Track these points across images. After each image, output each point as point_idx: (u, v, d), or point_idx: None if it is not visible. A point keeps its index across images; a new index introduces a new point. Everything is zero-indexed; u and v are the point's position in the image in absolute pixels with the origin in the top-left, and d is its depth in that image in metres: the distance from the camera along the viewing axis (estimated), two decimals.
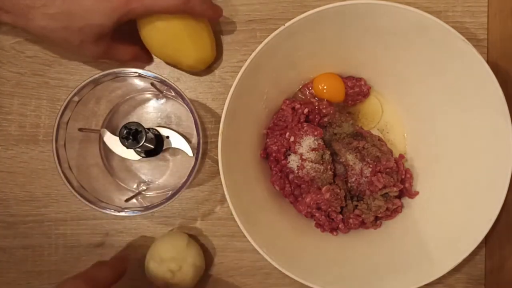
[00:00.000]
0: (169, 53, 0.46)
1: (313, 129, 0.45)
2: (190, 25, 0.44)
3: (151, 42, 0.45)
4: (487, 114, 0.42)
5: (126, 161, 0.49)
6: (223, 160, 0.40)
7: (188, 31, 0.44)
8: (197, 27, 0.45)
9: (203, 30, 0.45)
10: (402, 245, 0.45)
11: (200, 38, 0.45)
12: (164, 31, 0.43)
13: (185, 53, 0.45)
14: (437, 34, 0.41)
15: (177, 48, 0.45)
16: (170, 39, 0.44)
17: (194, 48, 0.45)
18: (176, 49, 0.45)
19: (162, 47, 0.45)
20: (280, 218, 0.46)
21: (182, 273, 0.45)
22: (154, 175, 0.50)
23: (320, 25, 0.42)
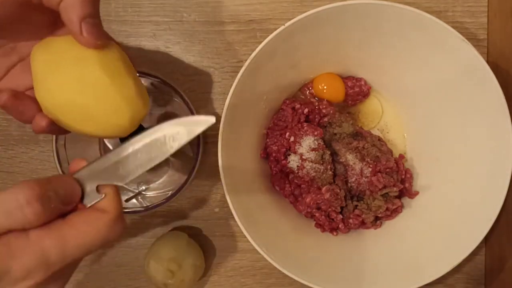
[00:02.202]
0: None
1: (313, 129, 0.45)
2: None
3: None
4: (487, 114, 0.42)
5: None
6: (223, 160, 0.40)
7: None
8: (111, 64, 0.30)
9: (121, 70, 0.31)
10: (402, 245, 0.45)
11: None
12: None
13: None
14: (437, 34, 0.41)
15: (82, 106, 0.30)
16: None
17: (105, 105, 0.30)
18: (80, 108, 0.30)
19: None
20: (280, 218, 0.46)
21: (182, 273, 0.45)
22: (154, 175, 0.50)
23: (320, 25, 0.42)
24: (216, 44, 0.50)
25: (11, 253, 0.25)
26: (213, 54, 0.50)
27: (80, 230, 0.26)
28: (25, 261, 0.25)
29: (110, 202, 0.28)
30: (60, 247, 0.26)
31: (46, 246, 0.25)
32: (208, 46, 0.50)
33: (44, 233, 0.26)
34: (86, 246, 0.27)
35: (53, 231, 0.26)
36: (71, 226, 0.27)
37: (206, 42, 0.50)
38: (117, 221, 0.28)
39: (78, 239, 0.26)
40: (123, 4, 0.50)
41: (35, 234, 0.26)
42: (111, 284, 0.51)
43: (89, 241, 0.27)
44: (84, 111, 0.29)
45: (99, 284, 0.51)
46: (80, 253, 0.27)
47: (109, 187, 0.28)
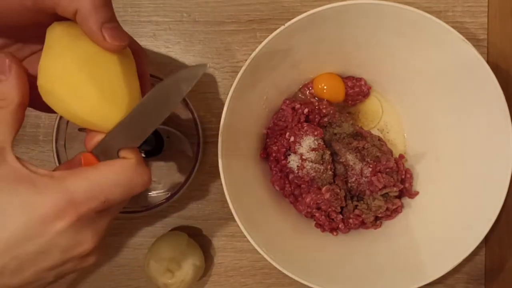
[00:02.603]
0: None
1: (313, 129, 0.45)
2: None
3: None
4: (487, 114, 0.42)
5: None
6: (223, 160, 0.40)
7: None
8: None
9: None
10: (402, 245, 0.45)
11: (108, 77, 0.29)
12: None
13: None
14: (437, 34, 0.41)
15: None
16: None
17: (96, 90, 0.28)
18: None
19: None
20: (280, 218, 0.46)
21: (182, 273, 0.45)
22: (154, 175, 0.50)
23: (320, 25, 0.42)
24: (216, 44, 0.50)
25: (35, 189, 0.25)
26: (213, 54, 0.50)
27: (103, 171, 0.27)
28: (52, 199, 0.25)
29: (130, 151, 0.29)
30: (84, 185, 0.26)
31: (70, 184, 0.26)
32: (208, 46, 0.50)
33: (68, 174, 0.27)
34: (111, 187, 0.27)
35: (76, 172, 0.27)
36: (94, 169, 0.27)
37: (206, 42, 0.50)
38: (139, 164, 0.29)
39: (102, 179, 0.27)
40: (123, 4, 0.50)
41: (59, 174, 0.27)
42: (111, 284, 0.51)
43: (114, 181, 0.27)
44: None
45: (99, 284, 0.51)
46: (106, 195, 0.27)
47: (127, 149, 0.29)
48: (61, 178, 0.26)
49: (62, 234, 0.26)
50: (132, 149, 0.30)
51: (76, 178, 0.27)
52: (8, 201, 0.25)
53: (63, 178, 0.26)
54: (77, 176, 0.27)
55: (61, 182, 0.26)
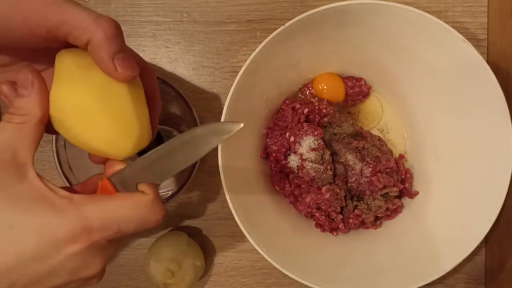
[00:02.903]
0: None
1: (313, 129, 0.45)
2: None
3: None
4: (487, 114, 0.42)
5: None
6: (223, 160, 0.40)
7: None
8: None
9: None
10: (402, 245, 0.45)
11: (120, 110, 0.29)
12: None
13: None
14: (437, 34, 0.41)
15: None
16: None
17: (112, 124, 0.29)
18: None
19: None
20: (280, 218, 0.46)
21: (182, 273, 0.45)
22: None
23: (320, 25, 0.42)
24: (216, 44, 0.50)
25: (53, 210, 0.26)
26: (213, 54, 0.50)
27: (120, 203, 0.28)
28: (68, 223, 0.26)
29: (148, 187, 0.30)
30: (101, 214, 0.27)
31: (87, 210, 0.27)
32: (208, 46, 0.50)
33: (86, 200, 0.27)
34: (126, 220, 0.28)
35: (95, 199, 0.28)
36: (112, 199, 0.28)
37: (206, 42, 0.50)
38: (156, 202, 0.30)
39: (118, 211, 0.28)
40: (123, 4, 0.50)
41: (78, 198, 0.27)
42: (111, 284, 0.51)
43: (129, 215, 0.28)
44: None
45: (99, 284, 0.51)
46: (120, 226, 0.28)
47: (146, 184, 0.30)
48: (80, 203, 0.27)
49: (72, 258, 0.26)
50: (151, 185, 0.30)
51: (94, 206, 0.27)
52: (25, 220, 0.26)
53: (82, 204, 0.27)
54: (95, 204, 0.27)
55: (79, 208, 0.27)
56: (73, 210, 0.26)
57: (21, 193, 0.26)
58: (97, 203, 0.27)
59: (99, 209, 0.27)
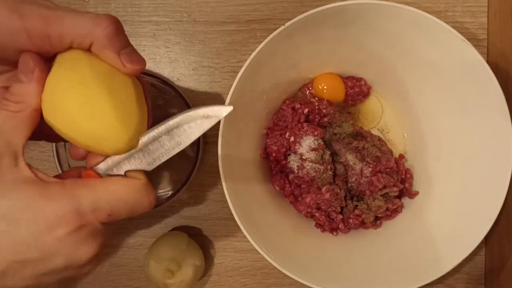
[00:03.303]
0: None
1: (313, 129, 0.45)
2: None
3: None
4: (487, 114, 0.42)
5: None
6: (223, 160, 0.40)
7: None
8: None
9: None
10: (402, 245, 0.45)
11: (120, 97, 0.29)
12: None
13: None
14: (437, 34, 0.41)
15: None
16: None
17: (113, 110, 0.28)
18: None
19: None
20: (280, 218, 0.46)
21: (182, 273, 0.45)
22: (154, 175, 0.50)
23: (320, 25, 0.42)
24: (216, 44, 0.50)
25: (43, 195, 0.26)
26: (213, 54, 0.50)
27: (112, 186, 0.28)
28: (57, 204, 0.26)
29: (138, 173, 0.30)
30: (93, 196, 0.27)
31: (79, 193, 0.27)
32: (208, 46, 0.50)
33: (79, 183, 0.27)
34: (119, 202, 0.28)
35: (87, 182, 0.28)
36: (104, 182, 0.28)
37: (206, 42, 0.50)
38: (147, 186, 0.29)
39: (110, 194, 0.28)
40: (123, 4, 0.50)
41: (70, 182, 0.27)
42: (111, 284, 0.51)
43: (121, 197, 0.28)
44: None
45: (99, 284, 0.51)
46: (112, 209, 0.28)
47: (136, 170, 0.30)
48: (72, 187, 0.27)
49: (66, 240, 0.26)
50: (141, 171, 0.30)
51: (86, 189, 0.27)
52: (18, 207, 0.26)
53: (74, 188, 0.27)
54: (87, 187, 0.27)
55: (71, 191, 0.27)
56: (64, 194, 0.26)
57: (12, 181, 0.26)
58: (89, 186, 0.27)
59: (91, 191, 0.27)
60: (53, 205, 0.26)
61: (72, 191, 0.27)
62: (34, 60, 0.28)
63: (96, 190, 0.27)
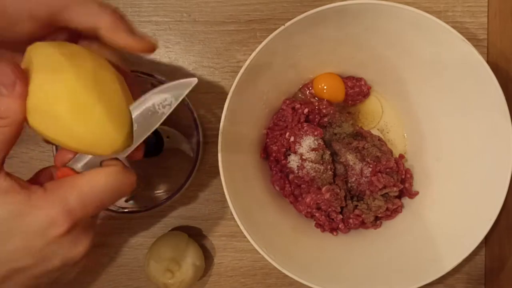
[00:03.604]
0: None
1: (313, 129, 0.45)
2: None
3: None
4: (487, 114, 0.42)
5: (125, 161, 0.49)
6: (223, 160, 0.40)
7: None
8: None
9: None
10: (402, 245, 0.45)
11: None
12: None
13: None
14: (437, 34, 0.41)
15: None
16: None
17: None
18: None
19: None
20: (280, 218, 0.46)
21: (182, 273, 0.45)
22: (154, 175, 0.50)
23: (320, 25, 0.42)
24: (216, 44, 0.50)
25: (30, 202, 0.26)
26: (213, 54, 0.50)
27: (92, 178, 0.28)
28: (46, 209, 0.26)
29: (113, 160, 0.30)
30: (77, 193, 0.27)
31: (64, 193, 0.27)
32: (208, 46, 0.50)
33: (60, 183, 0.27)
34: (102, 192, 0.28)
35: (68, 181, 0.27)
36: (83, 176, 0.28)
37: (206, 42, 0.50)
38: (126, 170, 0.30)
39: (93, 187, 0.28)
40: (123, 4, 0.50)
41: (51, 185, 0.27)
42: (111, 284, 0.51)
43: (104, 187, 0.28)
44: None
45: (99, 284, 0.51)
46: (98, 200, 0.28)
47: (109, 159, 0.30)
48: (54, 189, 0.27)
49: (61, 241, 0.27)
50: (115, 158, 0.30)
51: (70, 187, 0.27)
52: (8, 216, 0.26)
53: (56, 189, 0.27)
54: (70, 185, 0.27)
55: (55, 193, 0.27)
56: (49, 197, 0.26)
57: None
58: (72, 184, 0.27)
59: (76, 189, 0.27)
60: (42, 210, 0.26)
61: (57, 193, 0.27)
62: (15, 70, 0.26)
63: (80, 187, 0.27)
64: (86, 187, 0.27)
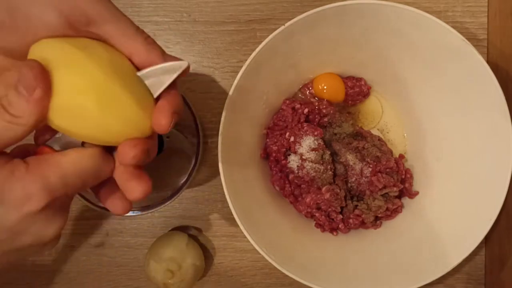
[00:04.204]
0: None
1: (313, 129, 0.45)
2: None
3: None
4: (487, 114, 0.42)
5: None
6: (223, 160, 0.40)
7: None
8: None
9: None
10: (402, 245, 0.45)
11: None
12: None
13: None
14: (437, 34, 0.41)
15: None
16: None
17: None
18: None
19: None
20: (280, 218, 0.46)
21: (182, 273, 0.45)
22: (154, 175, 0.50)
23: (320, 25, 0.42)
24: (216, 44, 0.50)
25: (13, 177, 0.26)
26: (213, 54, 0.50)
27: (74, 157, 0.27)
28: (26, 183, 0.26)
29: (93, 144, 0.29)
30: (59, 171, 0.27)
31: (44, 170, 0.26)
32: (208, 46, 0.50)
33: (42, 159, 0.27)
34: (84, 172, 0.28)
35: (49, 158, 0.27)
36: (64, 155, 0.27)
37: (206, 42, 0.50)
38: (105, 153, 0.29)
39: (75, 166, 0.27)
40: (123, 4, 0.50)
41: (33, 161, 0.27)
42: (111, 284, 0.51)
43: (86, 167, 0.28)
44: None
45: (99, 284, 0.51)
46: (79, 180, 0.27)
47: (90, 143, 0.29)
48: (37, 165, 0.26)
49: (34, 219, 0.26)
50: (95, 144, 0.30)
51: (51, 165, 0.27)
52: None
53: (39, 165, 0.26)
54: (52, 162, 0.27)
55: (37, 169, 0.26)
56: (31, 173, 0.26)
57: None
58: (53, 161, 0.27)
59: (57, 167, 0.27)
60: (21, 184, 0.26)
61: (38, 169, 0.26)
62: (38, 74, 0.26)
63: (61, 164, 0.27)
64: (68, 166, 0.27)
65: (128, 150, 0.28)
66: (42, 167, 0.26)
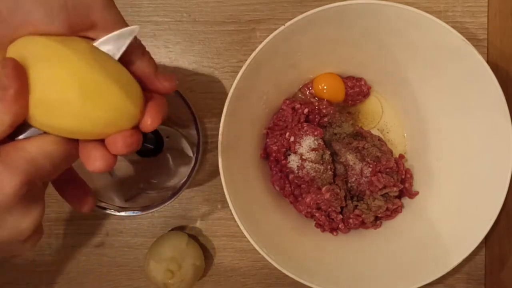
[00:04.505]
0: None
1: (313, 129, 0.45)
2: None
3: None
4: (487, 114, 0.42)
5: (126, 161, 0.49)
6: (223, 160, 0.40)
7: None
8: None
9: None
10: (402, 245, 0.45)
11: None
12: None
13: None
14: (437, 34, 0.41)
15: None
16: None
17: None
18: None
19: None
20: (280, 218, 0.46)
21: (182, 273, 0.45)
22: (154, 175, 0.50)
23: (320, 25, 0.42)
24: (216, 44, 0.50)
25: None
26: (213, 54, 0.50)
27: (38, 141, 0.27)
28: (11, 156, 0.25)
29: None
30: (27, 155, 0.26)
31: (13, 156, 0.25)
32: (208, 46, 0.50)
33: (8, 147, 0.26)
34: (51, 156, 0.27)
35: (15, 145, 0.26)
36: (30, 140, 0.27)
37: (206, 42, 0.50)
38: (69, 139, 0.28)
39: (43, 150, 0.26)
40: (123, 4, 0.50)
41: (1, 148, 0.26)
42: (111, 284, 0.51)
43: (53, 151, 0.27)
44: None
45: (99, 284, 0.51)
46: (48, 164, 0.27)
47: None
48: (4, 152, 0.25)
49: (9, 210, 0.25)
50: None
51: (19, 151, 0.26)
52: None
53: (6, 152, 0.25)
54: (18, 148, 0.26)
55: (6, 156, 0.25)
56: (0, 160, 0.25)
57: None
58: (19, 148, 0.26)
59: (25, 152, 0.26)
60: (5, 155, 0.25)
61: (7, 157, 0.25)
62: (9, 76, 0.25)
63: (28, 149, 0.26)
64: (34, 149, 0.26)
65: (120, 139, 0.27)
66: (11, 154, 0.25)
